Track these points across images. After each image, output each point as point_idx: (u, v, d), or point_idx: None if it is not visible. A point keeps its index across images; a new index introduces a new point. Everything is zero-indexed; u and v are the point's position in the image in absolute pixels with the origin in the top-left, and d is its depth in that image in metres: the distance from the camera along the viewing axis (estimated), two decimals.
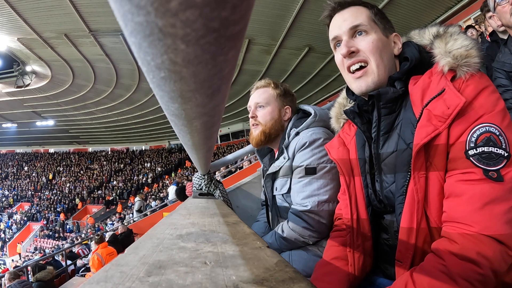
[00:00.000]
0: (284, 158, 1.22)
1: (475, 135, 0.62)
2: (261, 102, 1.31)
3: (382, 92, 0.75)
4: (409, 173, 0.68)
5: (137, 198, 10.80)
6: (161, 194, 15.59)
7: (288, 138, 1.24)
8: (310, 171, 1.14)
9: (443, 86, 0.67)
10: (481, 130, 0.62)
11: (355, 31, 0.78)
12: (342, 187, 0.89)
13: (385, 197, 0.77)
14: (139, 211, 9.95)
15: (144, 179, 22.62)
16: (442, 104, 0.65)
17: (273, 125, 1.28)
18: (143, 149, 28.30)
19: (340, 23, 0.79)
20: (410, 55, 0.76)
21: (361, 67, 0.77)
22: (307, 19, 9.27)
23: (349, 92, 0.85)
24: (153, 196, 16.31)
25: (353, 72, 0.78)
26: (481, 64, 0.69)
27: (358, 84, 0.78)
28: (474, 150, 0.62)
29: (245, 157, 8.29)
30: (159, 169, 23.58)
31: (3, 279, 4.53)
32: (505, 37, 1.55)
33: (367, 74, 0.76)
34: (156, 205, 12.86)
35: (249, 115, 1.34)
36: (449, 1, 8.13)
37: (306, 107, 1.33)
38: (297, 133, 1.22)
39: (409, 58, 0.75)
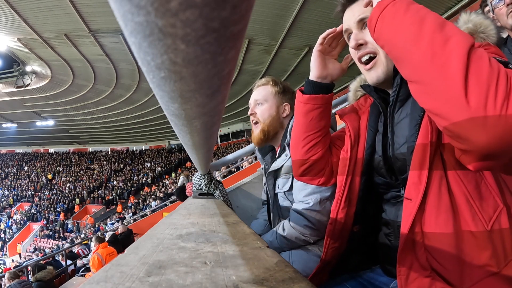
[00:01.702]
0: (286, 156, 1.22)
1: None
2: (260, 99, 1.32)
3: None
4: (418, 130, 0.67)
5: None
6: (161, 194, 15.60)
7: (290, 136, 1.25)
8: None
9: None
10: None
11: (363, 23, 0.79)
12: (346, 146, 0.89)
13: (396, 159, 0.77)
14: None
15: (144, 179, 22.63)
16: None
17: (271, 122, 1.29)
18: (143, 149, 28.31)
19: (350, 17, 0.82)
20: None
21: (370, 58, 0.78)
22: (307, 19, 9.27)
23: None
24: (153, 196, 16.32)
25: (365, 63, 0.79)
26: (497, 39, 0.70)
27: (370, 76, 0.79)
28: None
29: (245, 157, 8.29)
30: (159, 169, 23.59)
31: (3, 279, 4.54)
32: (505, 37, 1.56)
33: (377, 65, 0.78)
34: (156, 205, 12.87)
35: (249, 112, 1.35)
36: (449, 1, 8.14)
37: None
38: None
39: None
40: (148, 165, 25.03)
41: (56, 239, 17.30)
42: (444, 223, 0.61)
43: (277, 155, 1.31)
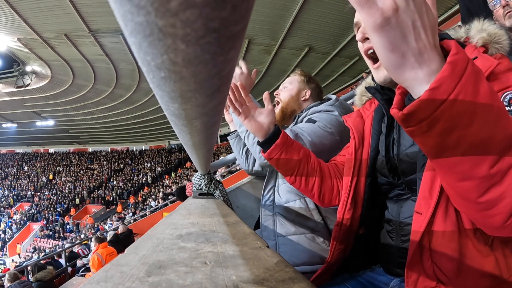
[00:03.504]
0: (295, 122, 1.35)
1: (507, 98, 0.61)
2: (286, 83, 1.47)
3: None
4: None
5: None
6: (160, 194, 15.59)
7: (304, 112, 1.36)
8: (310, 120, 1.24)
9: (476, 55, 0.67)
10: None
11: None
12: (350, 149, 0.91)
13: (401, 161, 0.77)
14: None
15: (144, 179, 22.62)
16: None
17: (289, 101, 1.41)
18: (143, 149, 28.30)
19: None
20: (447, 37, 0.76)
21: (374, 52, 0.78)
22: (307, 19, 9.27)
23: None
24: (153, 196, 16.32)
25: (372, 59, 0.79)
26: (510, 49, 0.71)
27: (377, 75, 0.80)
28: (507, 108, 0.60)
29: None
30: (159, 169, 23.58)
31: (3, 279, 4.54)
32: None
33: None
34: (156, 205, 12.88)
35: (274, 93, 1.47)
36: (449, 1, 8.14)
37: (330, 96, 1.43)
38: None
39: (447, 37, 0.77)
40: (148, 165, 25.02)
41: (56, 239, 17.30)
42: (450, 236, 0.62)
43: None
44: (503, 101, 0.61)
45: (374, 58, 0.78)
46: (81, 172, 26.45)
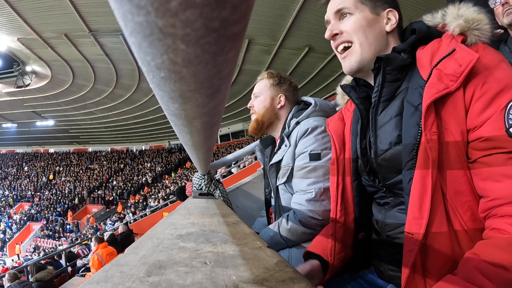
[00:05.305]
0: (286, 146, 1.25)
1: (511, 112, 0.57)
2: (257, 92, 1.38)
3: (391, 57, 0.73)
4: (419, 133, 0.64)
5: None
6: (160, 194, 15.60)
7: (289, 127, 1.28)
8: (314, 157, 1.15)
9: (454, 47, 0.64)
10: None
11: (341, 14, 0.80)
12: (332, 158, 0.90)
13: (379, 165, 0.75)
14: None
15: (144, 179, 22.62)
16: (454, 63, 0.62)
17: (264, 113, 1.34)
18: (143, 149, 28.32)
19: (329, 8, 0.82)
20: (418, 27, 0.74)
21: (345, 48, 0.79)
22: (307, 19, 9.28)
23: None
24: (153, 196, 16.32)
25: (341, 53, 0.80)
26: (492, 35, 0.66)
27: (344, 65, 0.80)
28: None
29: (245, 157, 8.28)
30: (159, 169, 23.58)
31: (3, 279, 4.53)
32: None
33: (351, 53, 0.78)
34: (156, 205, 12.88)
35: (248, 105, 1.42)
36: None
37: (306, 98, 1.37)
38: (297, 123, 1.25)
39: (416, 30, 0.73)
40: (148, 165, 25.02)
41: (56, 239, 17.30)
42: (445, 259, 0.61)
43: (277, 147, 1.33)
44: (509, 120, 0.57)
45: (342, 53, 0.79)
46: (81, 172, 26.45)
